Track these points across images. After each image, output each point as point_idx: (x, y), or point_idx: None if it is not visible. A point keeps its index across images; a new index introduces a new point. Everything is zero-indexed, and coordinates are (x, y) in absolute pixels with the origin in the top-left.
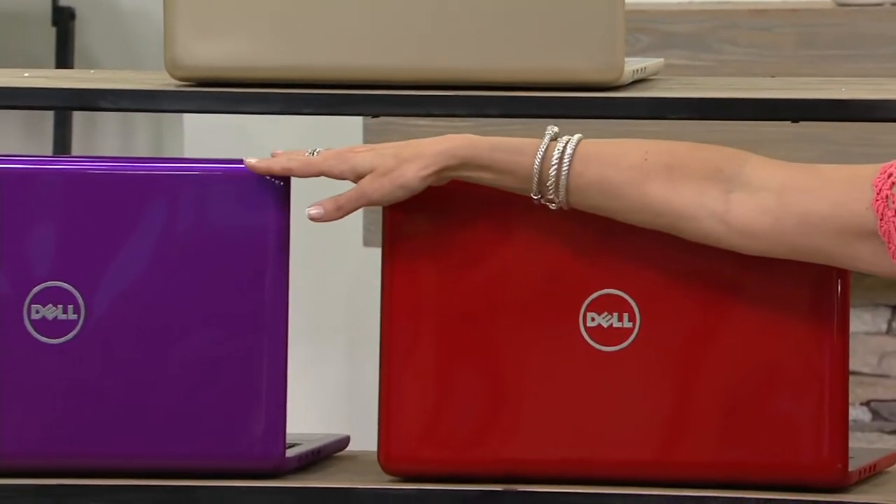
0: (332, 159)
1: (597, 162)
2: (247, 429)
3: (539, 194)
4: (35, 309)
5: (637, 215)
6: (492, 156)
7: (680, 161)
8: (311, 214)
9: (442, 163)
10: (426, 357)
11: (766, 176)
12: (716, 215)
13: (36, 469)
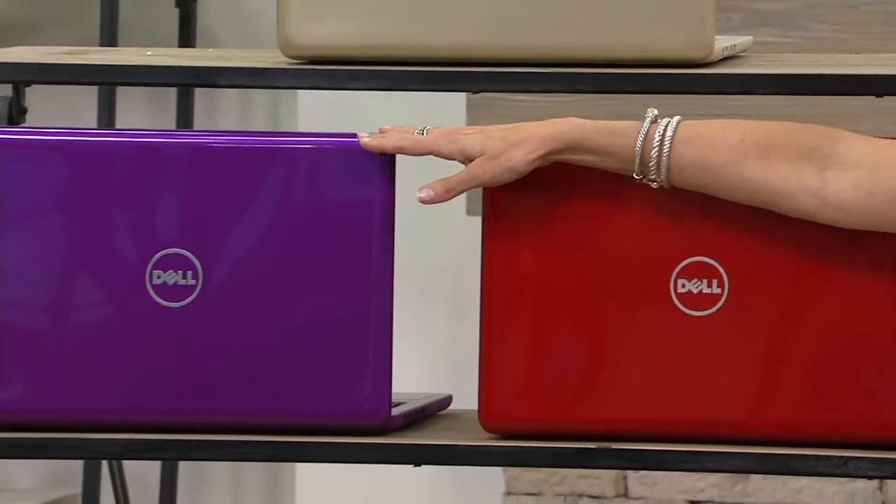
0: (443, 139)
1: (696, 143)
2: (355, 388)
3: (641, 174)
4: (156, 274)
5: (736, 193)
6: (595, 139)
7: (776, 141)
8: (422, 197)
9: (548, 146)
10: (525, 321)
11: (859, 153)
12: (812, 191)
13: (158, 424)
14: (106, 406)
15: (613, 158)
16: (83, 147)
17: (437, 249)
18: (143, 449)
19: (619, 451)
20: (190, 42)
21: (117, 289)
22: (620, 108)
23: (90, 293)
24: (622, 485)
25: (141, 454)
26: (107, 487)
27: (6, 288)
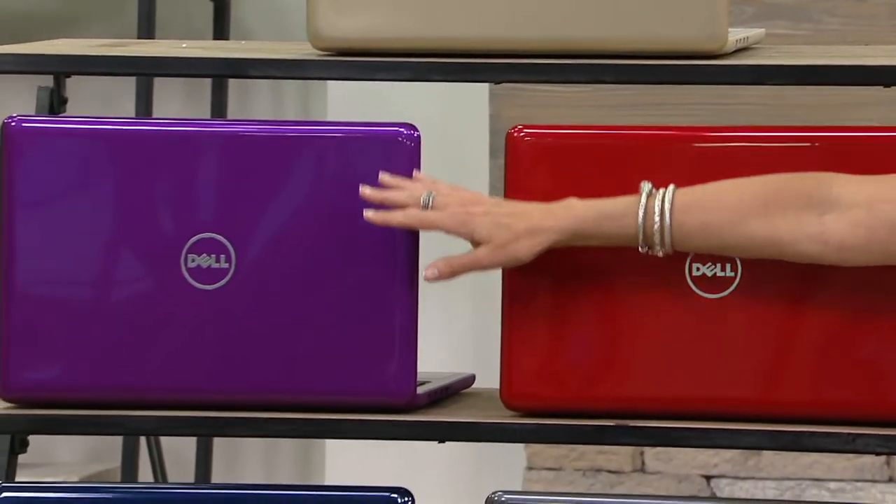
0: (451, 219)
1: (696, 209)
2: (382, 368)
3: (646, 247)
4: (191, 258)
5: (741, 251)
6: (597, 227)
7: (773, 194)
8: (427, 276)
9: (553, 238)
10: (544, 303)
11: (852, 192)
12: (814, 237)
13: (194, 402)
14: (144, 384)
15: (618, 240)
16: (121, 135)
17: None
18: (178, 425)
19: (635, 428)
20: (224, 35)
21: (154, 272)
22: (636, 97)
23: (129, 276)
24: (639, 460)
25: (177, 430)
26: (145, 462)
27: (48, 270)
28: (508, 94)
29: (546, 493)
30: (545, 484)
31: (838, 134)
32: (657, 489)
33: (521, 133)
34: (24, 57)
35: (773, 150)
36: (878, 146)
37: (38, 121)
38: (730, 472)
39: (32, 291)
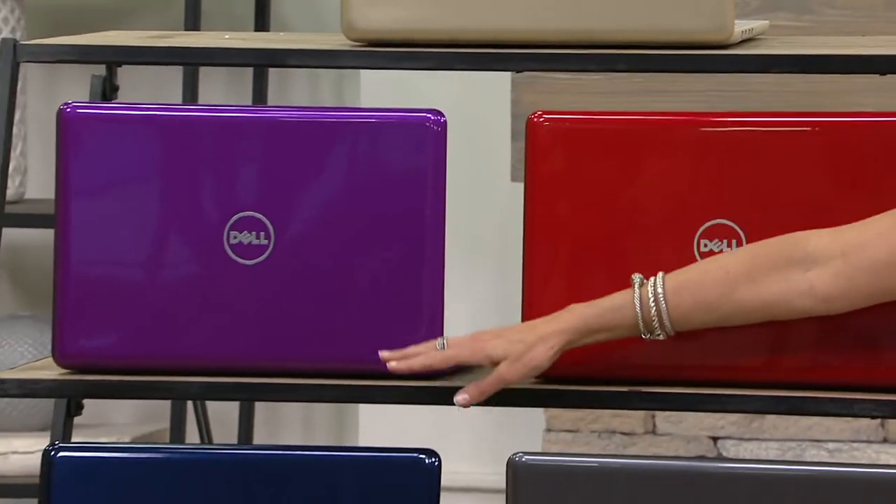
0: (466, 349)
1: (687, 290)
2: (410, 337)
3: (648, 333)
4: (233, 235)
5: (738, 320)
6: (599, 321)
7: (755, 262)
8: (459, 401)
9: (564, 339)
10: (561, 275)
11: (827, 245)
12: (803, 293)
13: (235, 369)
14: (190, 352)
15: (621, 330)
16: (169, 121)
17: (484, 212)
18: (222, 391)
19: (648, 394)
20: (265, 27)
21: (199, 248)
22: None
23: (175, 252)
24: (650, 423)
25: (221, 395)
26: (192, 423)
27: (101, 247)
28: (529, 82)
29: (564, 454)
30: (563, 445)
31: (836, 119)
32: (667, 450)
33: (540, 118)
34: (78, 47)
35: (776, 135)
36: (873, 130)
37: (91, 107)
38: (735, 433)
39: (86, 267)
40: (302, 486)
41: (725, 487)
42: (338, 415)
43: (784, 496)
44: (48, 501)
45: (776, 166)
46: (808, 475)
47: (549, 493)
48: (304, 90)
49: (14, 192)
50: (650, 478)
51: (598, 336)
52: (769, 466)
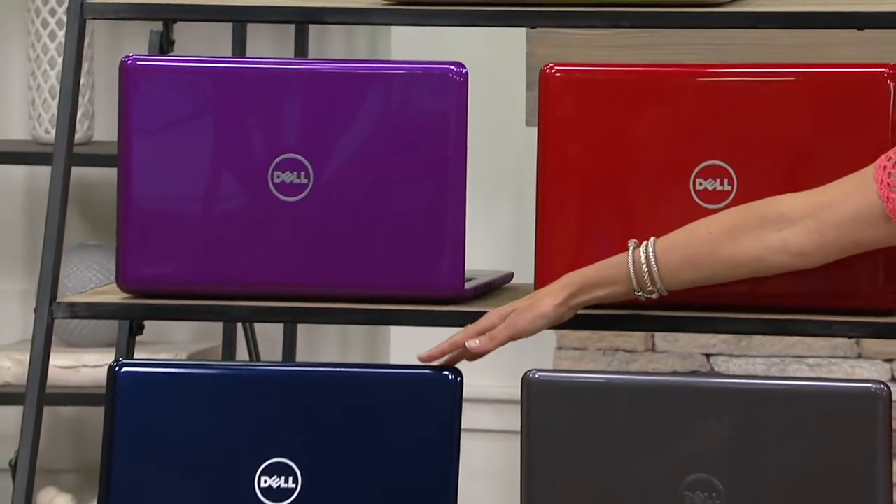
0: (485, 319)
1: (675, 250)
2: (435, 266)
3: (640, 290)
4: (277, 174)
5: (721, 276)
6: (598, 276)
7: (736, 224)
8: (471, 347)
9: (567, 291)
10: (571, 209)
11: (798, 206)
12: (778, 250)
13: (279, 294)
14: (239, 279)
15: (617, 285)
16: (220, 72)
17: (502, 153)
18: (268, 314)
19: (647, 317)
20: None
21: (246, 185)
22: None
23: (226, 189)
24: (650, 342)
25: (266, 318)
26: (241, 342)
27: (160, 184)
28: (542, 36)
29: (573, 371)
30: (572, 362)
31: (818, 70)
32: (665, 366)
33: (552, 70)
34: (138, 6)
35: (764, 84)
36: (852, 80)
37: (150, 59)
38: (725, 351)
39: (146, 202)
40: (338, 399)
41: (717, 400)
42: (371, 333)
43: (769, 407)
44: (113, 411)
45: (764, 112)
46: (790, 388)
47: (559, 406)
48: (341, 44)
49: (83, 135)
50: (650, 392)
51: (598, 292)
52: (756, 381)
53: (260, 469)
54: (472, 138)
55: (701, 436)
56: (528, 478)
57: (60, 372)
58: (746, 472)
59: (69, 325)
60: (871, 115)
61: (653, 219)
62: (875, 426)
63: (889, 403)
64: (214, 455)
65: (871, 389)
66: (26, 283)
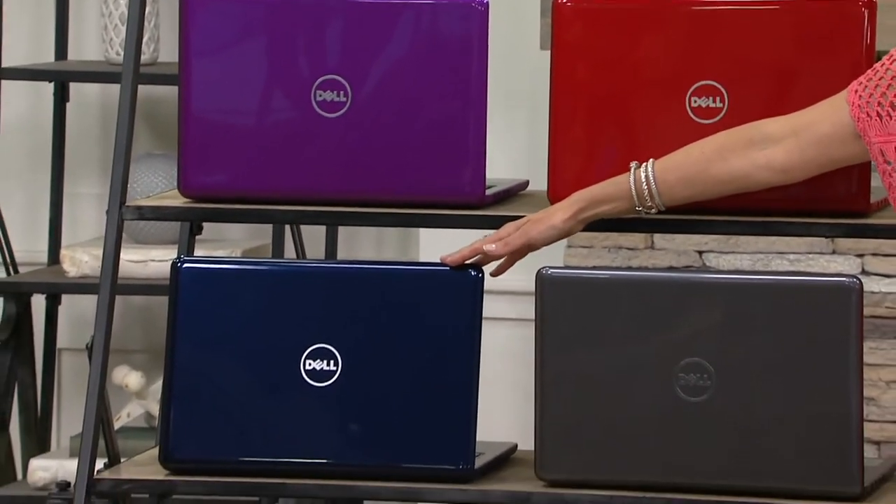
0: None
1: (672, 170)
2: (459, 175)
3: (640, 206)
4: (319, 93)
5: (712, 191)
6: (603, 193)
7: (725, 145)
8: (488, 250)
9: (577, 207)
10: (579, 124)
11: (780, 128)
12: (762, 167)
13: (322, 199)
14: (287, 185)
15: (620, 202)
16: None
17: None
18: (312, 217)
19: (649, 219)
20: None
21: (292, 103)
22: None
23: (274, 105)
24: (650, 240)
25: (311, 220)
26: (289, 241)
27: (216, 100)
28: None
29: (582, 268)
30: (580, 258)
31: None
32: (662, 261)
33: (564, 0)
34: None
35: (752, 12)
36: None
37: None
38: (716, 248)
39: (203, 117)
40: (374, 292)
41: (708, 292)
42: (402, 236)
43: (755, 298)
44: (175, 301)
45: (752, 37)
46: (774, 282)
47: (568, 298)
48: None
49: (149, 57)
50: (649, 286)
51: (603, 207)
52: (743, 276)
53: (305, 353)
54: (492, 61)
55: (693, 324)
56: (541, 359)
57: (130, 265)
58: (734, 356)
59: (138, 225)
60: (847, 41)
61: (653, 132)
62: (849, 315)
63: (861, 295)
64: (265, 341)
65: (846, 283)
66: (101, 187)
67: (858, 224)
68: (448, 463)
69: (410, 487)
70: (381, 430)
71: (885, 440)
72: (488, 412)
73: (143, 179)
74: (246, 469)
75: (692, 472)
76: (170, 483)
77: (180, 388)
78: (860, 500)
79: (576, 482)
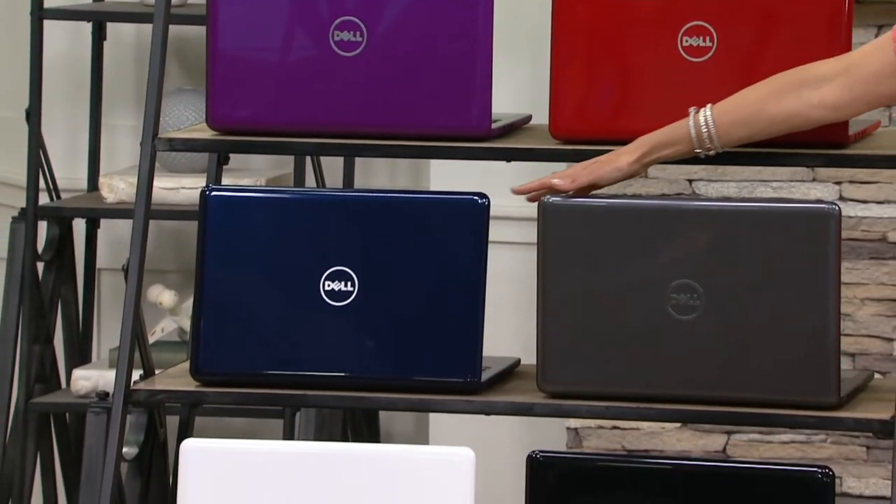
0: (569, 170)
1: (729, 112)
2: (466, 110)
3: (700, 149)
4: (336, 33)
5: (768, 131)
6: (664, 138)
7: (778, 86)
8: (556, 184)
9: (641, 150)
10: (579, 63)
11: (830, 69)
12: (815, 106)
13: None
14: (307, 120)
15: (681, 145)
16: None
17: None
18: (330, 149)
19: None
20: None
21: (312, 42)
22: None
23: (295, 43)
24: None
25: (329, 152)
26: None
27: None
28: None
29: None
30: None
31: None
32: (655, 189)
33: None
34: None
35: None
36: None
37: None
38: (705, 176)
39: (231, 54)
40: (388, 218)
41: (698, 218)
42: (415, 168)
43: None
44: (204, 226)
45: None
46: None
47: (569, 224)
48: None
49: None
50: (642, 212)
51: (666, 151)
52: (730, 202)
53: (324, 275)
54: (498, 3)
55: (684, 248)
56: (543, 281)
57: (163, 192)
58: (721, 278)
59: (170, 155)
60: None
61: (647, 69)
62: (828, 238)
63: (839, 219)
64: (287, 263)
65: (825, 209)
66: (136, 120)
67: (837, 154)
68: (457, 376)
69: (422, 398)
70: (395, 346)
71: (860, 352)
72: (494, 329)
73: (174, 113)
74: (270, 381)
75: (682, 384)
76: (200, 394)
77: (209, 306)
78: (837, 408)
79: (574, 394)
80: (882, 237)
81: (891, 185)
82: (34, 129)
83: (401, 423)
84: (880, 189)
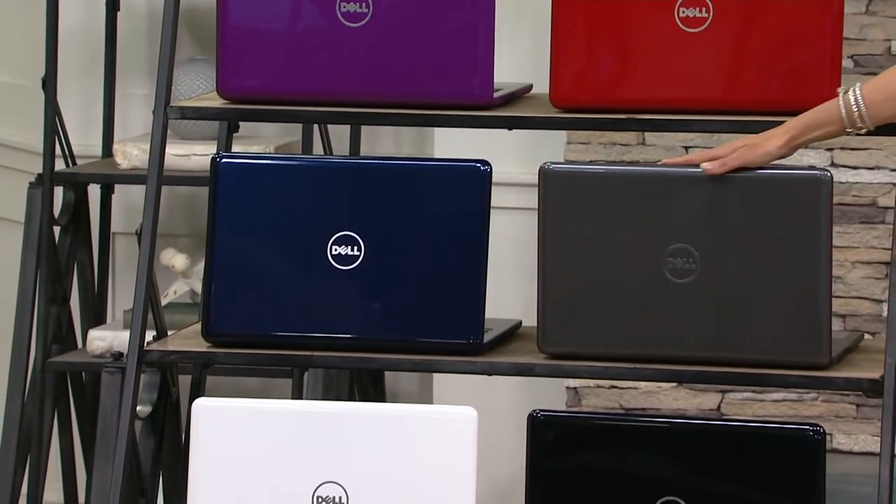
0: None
1: (878, 91)
2: (469, 79)
3: (851, 127)
4: (343, 5)
5: None
6: (815, 120)
7: None
8: (705, 167)
9: (790, 134)
10: (580, 33)
11: None
12: None
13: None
14: (315, 88)
15: (831, 126)
16: None
17: None
18: (337, 117)
19: (640, 119)
20: None
21: (319, 13)
22: None
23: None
24: (641, 137)
25: (336, 120)
26: (317, 138)
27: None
28: None
29: (579, 163)
30: (579, 153)
31: None
32: (652, 156)
33: None
34: None
35: None
36: None
37: None
38: (701, 144)
39: (240, 24)
40: (393, 185)
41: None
42: (419, 135)
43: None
44: (215, 192)
45: None
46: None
47: (568, 190)
48: None
49: None
50: (640, 179)
51: (816, 132)
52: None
53: (331, 240)
54: None
55: (681, 213)
56: (544, 245)
57: (175, 159)
58: (717, 242)
59: (181, 122)
60: None
61: (645, 39)
62: (820, 203)
63: (831, 185)
64: (295, 228)
65: (818, 175)
66: (149, 88)
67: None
68: (459, 337)
69: (426, 359)
70: (400, 308)
71: (850, 314)
72: (496, 292)
73: (185, 82)
74: (278, 342)
75: (679, 346)
76: (211, 354)
77: (220, 269)
78: (828, 367)
79: (574, 354)
80: (872, 202)
81: (881, 151)
82: (50, 98)
83: (406, 383)
84: (871, 155)
